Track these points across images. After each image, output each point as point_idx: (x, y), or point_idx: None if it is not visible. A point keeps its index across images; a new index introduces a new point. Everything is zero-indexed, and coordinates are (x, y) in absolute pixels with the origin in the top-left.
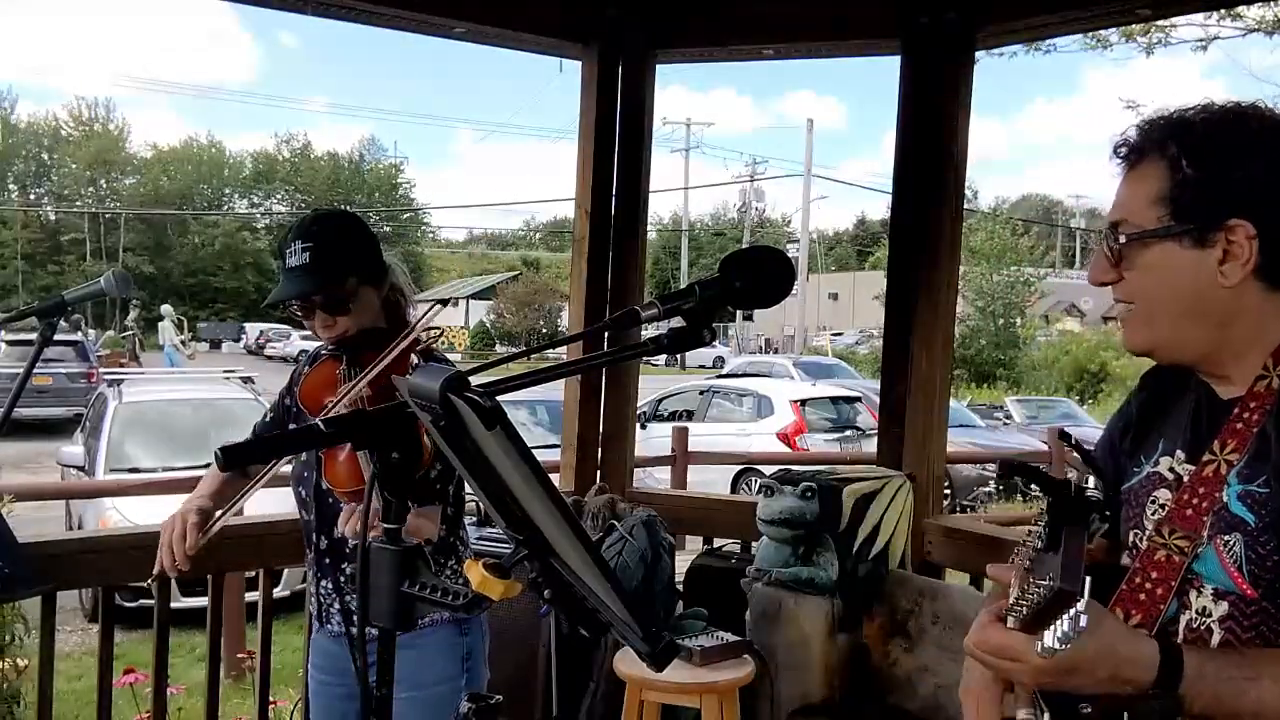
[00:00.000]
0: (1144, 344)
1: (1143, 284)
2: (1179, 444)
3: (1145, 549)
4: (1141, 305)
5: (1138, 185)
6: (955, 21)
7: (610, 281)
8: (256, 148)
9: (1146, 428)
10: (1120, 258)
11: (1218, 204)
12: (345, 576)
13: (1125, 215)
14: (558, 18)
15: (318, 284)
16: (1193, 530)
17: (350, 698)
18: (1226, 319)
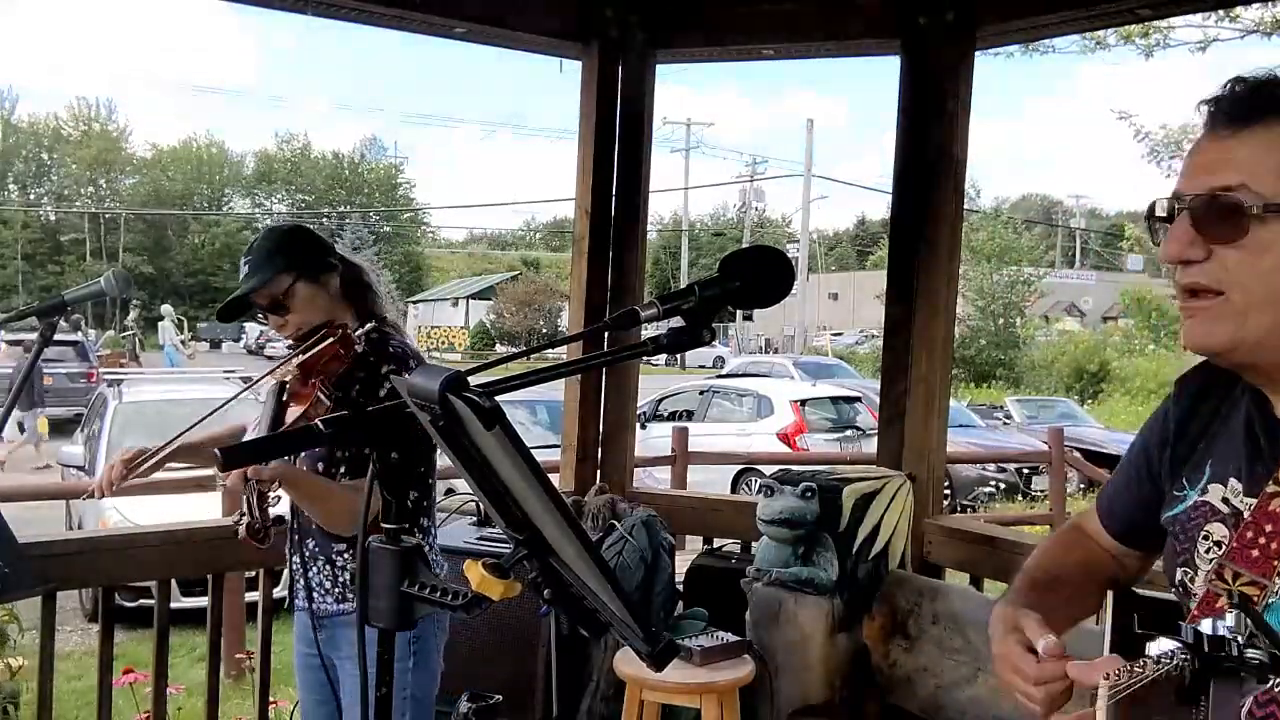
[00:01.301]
0: (1225, 341)
1: (1248, 268)
2: (1232, 470)
3: (1204, 594)
4: (1238, 294)
5: (1258, 149)
6: (955, 21)
7: (610, 282)
8: (256, 148)
9: (1190, 446)
10: (1215, 232)
11: None
12: (308, 553)
13: (1244, 180)
14: (558, 17)
15: (251, 288)
16: (1262, 575)
17: (319, 668)
18: None
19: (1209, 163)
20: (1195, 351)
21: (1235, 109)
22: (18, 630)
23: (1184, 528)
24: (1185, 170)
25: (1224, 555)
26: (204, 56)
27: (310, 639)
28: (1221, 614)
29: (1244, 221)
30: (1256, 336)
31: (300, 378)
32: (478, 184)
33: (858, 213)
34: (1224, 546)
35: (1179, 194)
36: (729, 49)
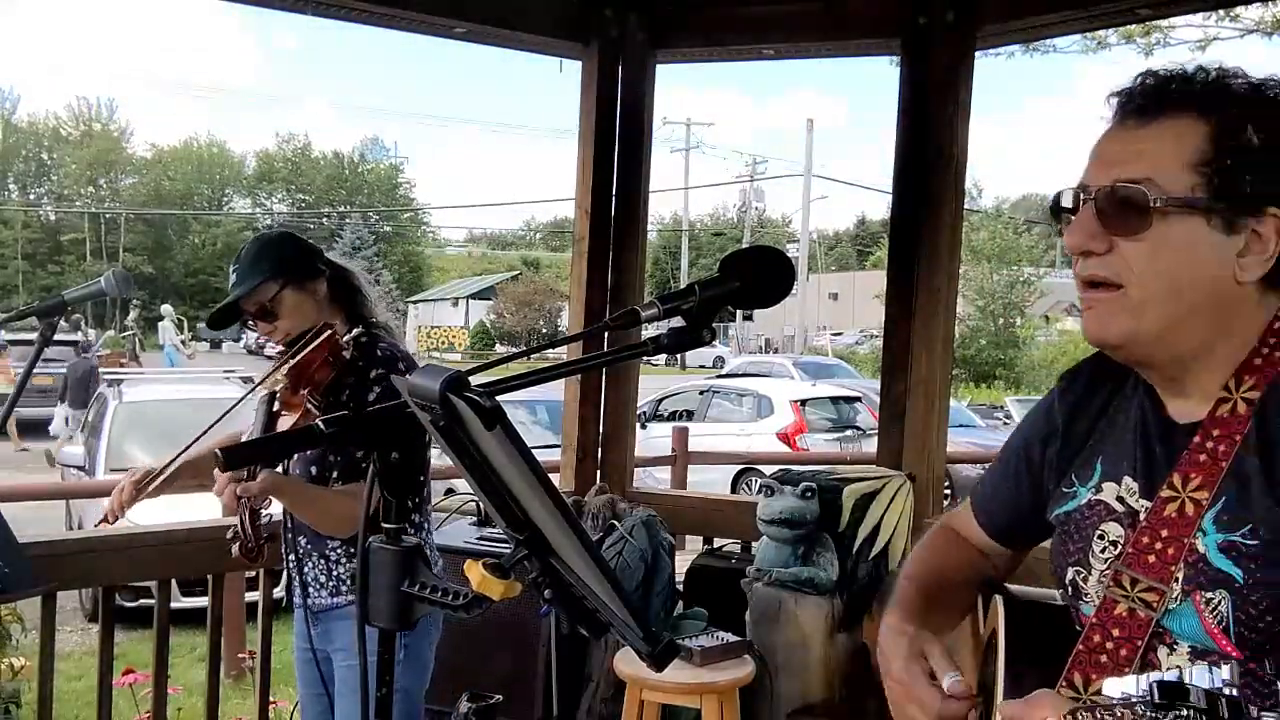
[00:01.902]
0: (1122, 334)
1: (1150, 262)
2: (1126, 469)
3: (1103, 602)
4: (1137, 288)
5: (1164, 143)
6: (955, 21)
7: (610, 282)
8: (257, 147)
9: (1079, 442)
10: (1118, 225)
11: (1266, 186)
12: (301, 550)
13: (1149, 174)
14: (558, 18)
15: (237, 296)
16: (1160, 581)
17: (312, 661)
18: (1225, 321)
19: (1115, 155)
20: (1093, 344)
21: (1144, 102)
22: (21, 630)
23: (1077, 526)
24: (1092, 161)
25: (1121, 561)
26: (204, 56)
27: (305, 633)
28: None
29: (1147, 215)
30: (1154, 331)
31: (290, 387)
32: (478, 184)
33: (858, 213)
34: (1120, 547)
35: (1084, 185)
36: (729, 49)
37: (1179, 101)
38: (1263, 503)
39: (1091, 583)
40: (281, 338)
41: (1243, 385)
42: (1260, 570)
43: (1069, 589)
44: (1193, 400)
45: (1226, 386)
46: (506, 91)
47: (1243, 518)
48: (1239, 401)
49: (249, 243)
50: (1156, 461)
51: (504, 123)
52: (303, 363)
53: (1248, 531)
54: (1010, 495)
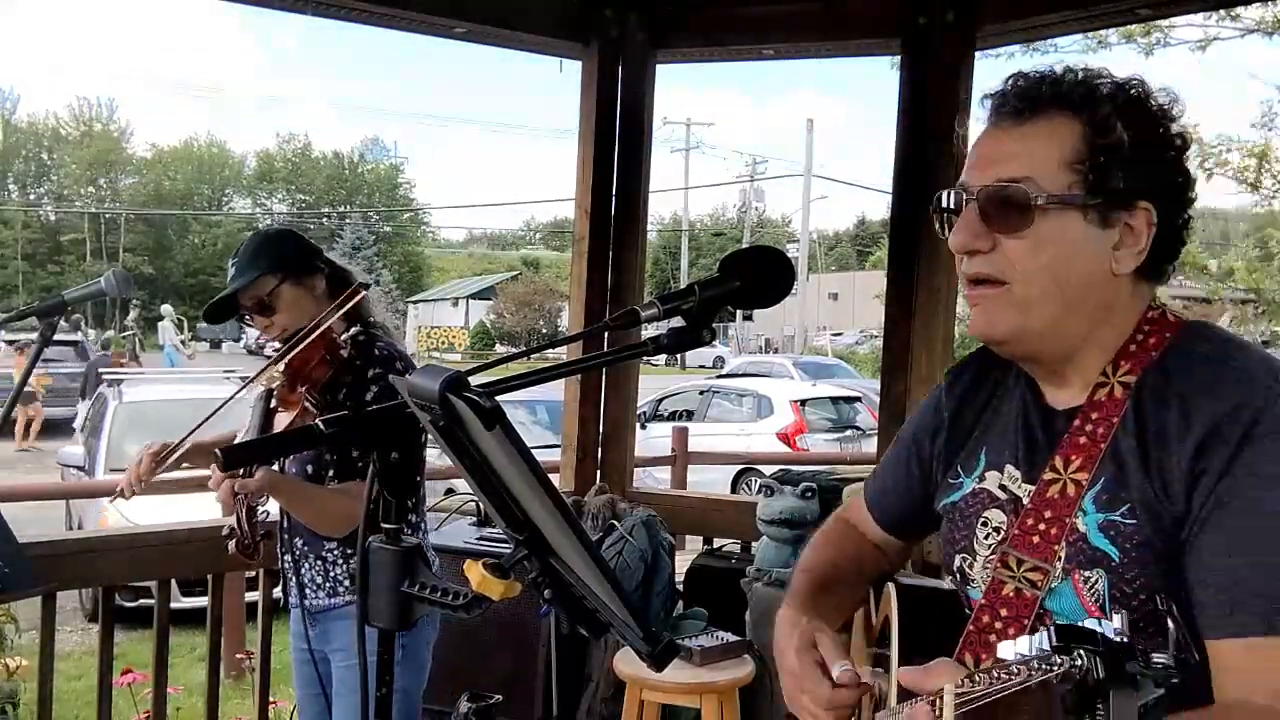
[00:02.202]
0: (1008, 331)
1: (1031, 259)
2: (1008, 458)
3: (991, 583)
4: (1021, 284)
5: (1042, 142)
6: (955, 21)
7: (610, 282)
8: (257, 148)
9: (964, 434)
10: (1001, 223)
11: (1136, 181)
12: (298, 551)
13: (1028, 172)
14: (558, 17)
15: (236, 288)
16: (1044, 560)
17: (311, 662)
18: (1104, 312)
19: (994, 155)
20: (981, 339)
21: (1019, 103)
22: (15, 631)
23: (962, 514)
24: (971, 162)
25: (1006, 542)
26: (204, 56)
27: (303, 634)
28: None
29: (1029, 213)
30: (1039, 325)
31: (287, 384)
32: (478, 184)
33: (858, 213)
34: (1003, 533)
35: (965, 185)
36: (729, 49)
37: (1052, 102)
38: (1138, 483)
39: (977, 568)
40: (278, 334)
41: (1119, 370)
42: (1135, 549)
43: (957, 575)
44: (1073, 388)
45: (1104, 372)
46: (506, 91)
47: (1120, 497)
48: (1115, 385)
49: (248, 238)
50: (1038, 447)
51: (504, 123)
52: (300, 360)
53: (1126, 511)
54: (902, 488)
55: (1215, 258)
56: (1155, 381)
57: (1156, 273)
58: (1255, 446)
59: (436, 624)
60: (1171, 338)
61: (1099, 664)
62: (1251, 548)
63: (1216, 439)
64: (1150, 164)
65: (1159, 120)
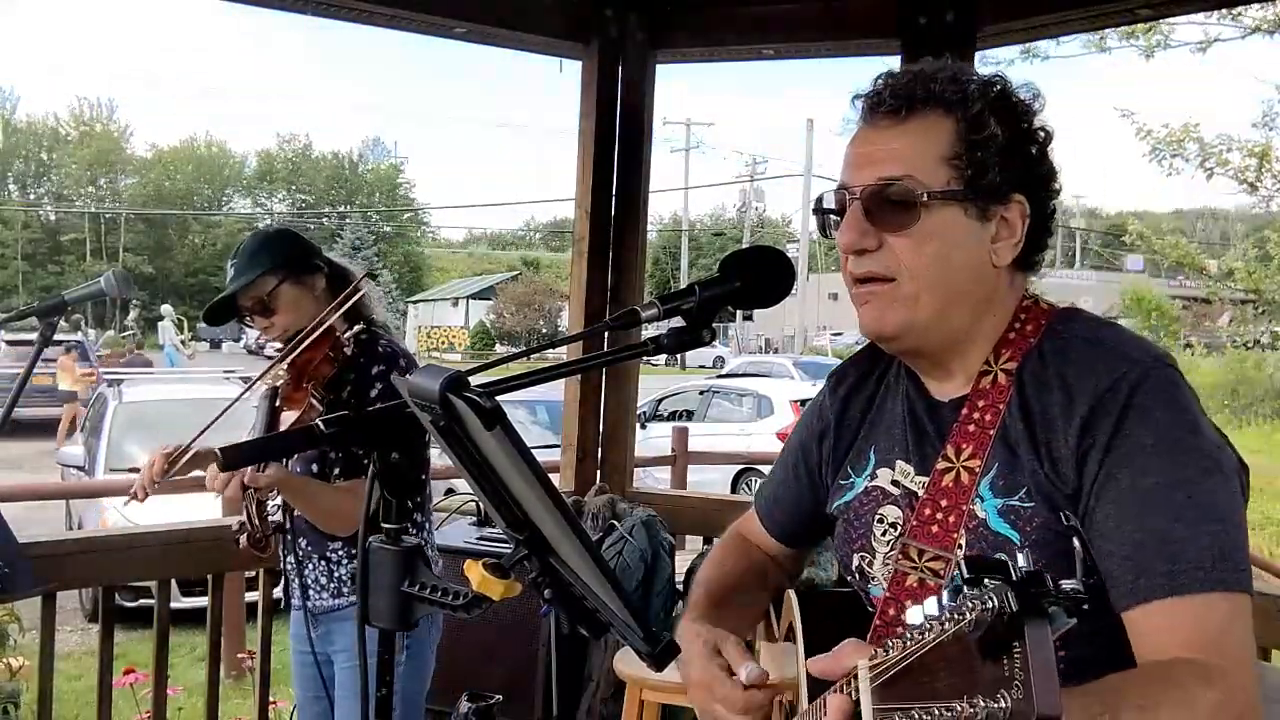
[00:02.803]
0: (898, 326)
1: (916, 255)
2: (899, 453)
3: (894, 575)
4: (908, 280)
5: (919, 140)
6: (955, 21)
7: (610, 282)
8: (257, 147)
9: (850, 435)
10: (886, 221)
11: (1009, 175)
12: (302, 552)
13: (909, 170)
14: (558, 17)
15: (235, 289)
16: (944, 549)
17: (313, 664)
18: (986, 303)
19: (873, 154)
20: (871, 337)
21: (895, 102)
22: (19, 630)
23: (856, 514)
24: (850, 162)
25: (906, 534)
26: (204, 56)
27: (304, 636)
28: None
29: (913, 210)
30: (926, 319)
31: (291, 382)
32: (478, 184)
33: None
34: (899, 527)
35: (847, 186)
36: (729, 49)
37: (926, 99)
38: (1030, 465)
39: (877, 565)
40: (279, 334)
41: (1001, 358)
42: (1036, 531)
43: (856, 574)
44: (957, 379)
45: (987, 361)
46: (506, 91)
47: (1016, 481)
48: (999, 373)
49: (247, 238)
50: (928, 439)
51: (504, 123)
52: (304, 358)
53: (1024, 495)
54: (792, 496)
55: (1215, 258)
56: (1035, 366)
57: (1029, 263)
58: (1134, 416)
59: (440, 626)
60: (1047, 324)
61: (1009, 597)
62: (1144, 515)
63: (1099, 414)
64: (1020, 157)
65: (1024, 115)
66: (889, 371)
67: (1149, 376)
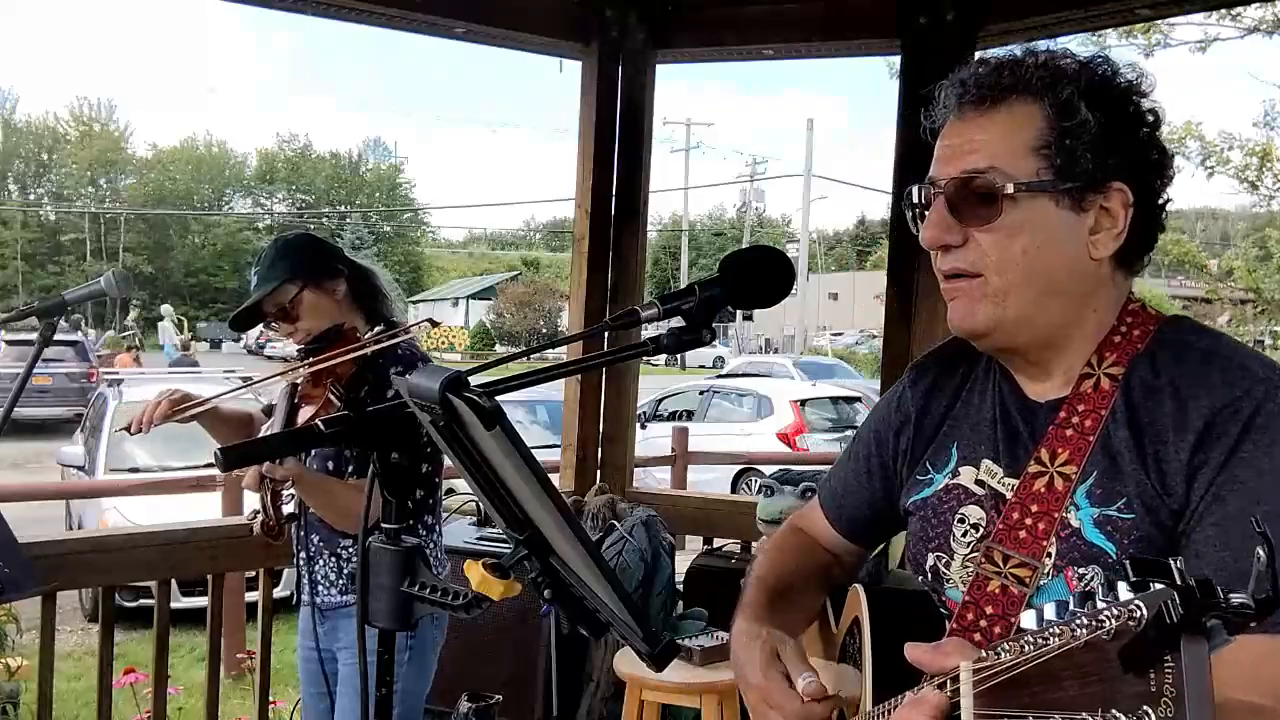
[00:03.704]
0: (988, 323)
1: (1004, 249)
2: (985, 451)
3: (975, 579)
4: (997, 275)
5: (1006, 130)
6: (955, 21)
7: (610, 282)
8: (257, 147)
9: (931, 430)
10: (970, 215)
11: (1107, 162)
12: (313, 548)
13: (993, 162)
14: (558, 18)
15: (258, 298)
16: (1031, 556)
17: (316, 660)
18: (1085, 299)
19: (959, 146)
20: (960, 334)
21: (980, 92)
22: (18, 630)
23: (935, 511)
24: (937, 155)
25: (991, 538)
26: (204, 56)
27: (310, 631)
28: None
29: (996, 203)
30: (1017, 316)
31: (311, 379)
32: (478, 184)
33: (858, 213)
34: (982, 529)
35: (933, 179)
36: (729, 49)
37: (1013, 87)
38: (1134, 476)
39: (955, 567)
40: (302, 338)
41: (1104, 362)
42: (1134, 544)
43: (929, 574)
44: (1054, 380)
45: (1089, 363)
46: (506, 91)
47: (1116, 491)
48: (1102, 377)
49: (270, 244)
50: (1020, 440)
51: (504, 123)
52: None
53: (1123, 505)
54: (862, 489)
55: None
56: (1145, 373)
57: (1133, 262)
58: (1253, 439)
59: (444, 628)
60: (1156, 330)
61: (1172, 606)
62: (1248, 544)
63: (1215, 432)
64: (1121, 143)
65: (1126, 97)
66: (977, 367)
67: (1272, 397)
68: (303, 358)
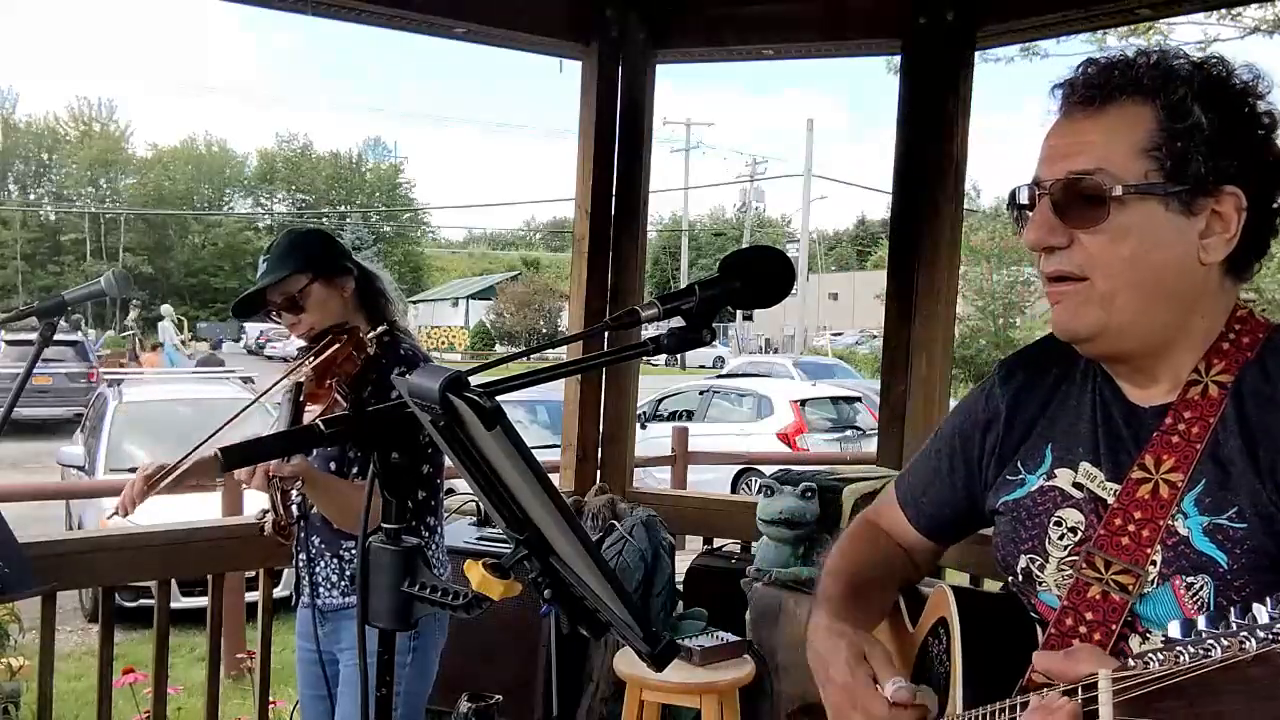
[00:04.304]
0: (1093, 328)
1: (1112, 252)
2: (1083, 454)
3: (1074, 584)
4: (1103, 279)
5: (1115, 131)
6: (955, 21)
7: (610, 281)
8: (257, 147)
9: (1024, 430)
10: (1076, 217)
11: (1220, 166)
12: (314, 549)
13: (1101, 164)
14: (558, 18)
15: (267, 284)
16: (1135, 563)
17: (318, 662)
18: (1193, 304)
19: (1066, 147)
20: (1064, 338)
21: (1089, 91)
22: (19, 630)
23: (1029, 513)
24: (1044, 156)
25: (1091, 543)
26: (204, 56)
27: (310, 634)
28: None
29: (1104, 205)
30: (1123, 320)
31: (315, 378)
32: (478, 184)
33: (858, 213)
34: (1081, 533)
35: (1039, 180)
36: (729, 49)
37: (1124, 88)
38: (1248, 484)
39: (1049, 570)
40: (305, 331)
41: (1213, 369)
42: (1246, 555)
43: (1020, 576)
44: (1160, 386)
45: (1196, 370)
46: (506, 91)
47: (1227, 500)
48: (1210, 385)
49: (281, 235)
50: (1123, 445)
51: (504, 123)
52: (329, 358)
53: (1234, 514)
54: (944, 486)
55: None
56: (1256, 382)
57: (1243, 268)
58: None
59: (446, 629)
60: (1266, 337)
61: None
62: None
63: None
64: (1234, 145)
65: (1242, 99)
66: (1073, 369)
67: None
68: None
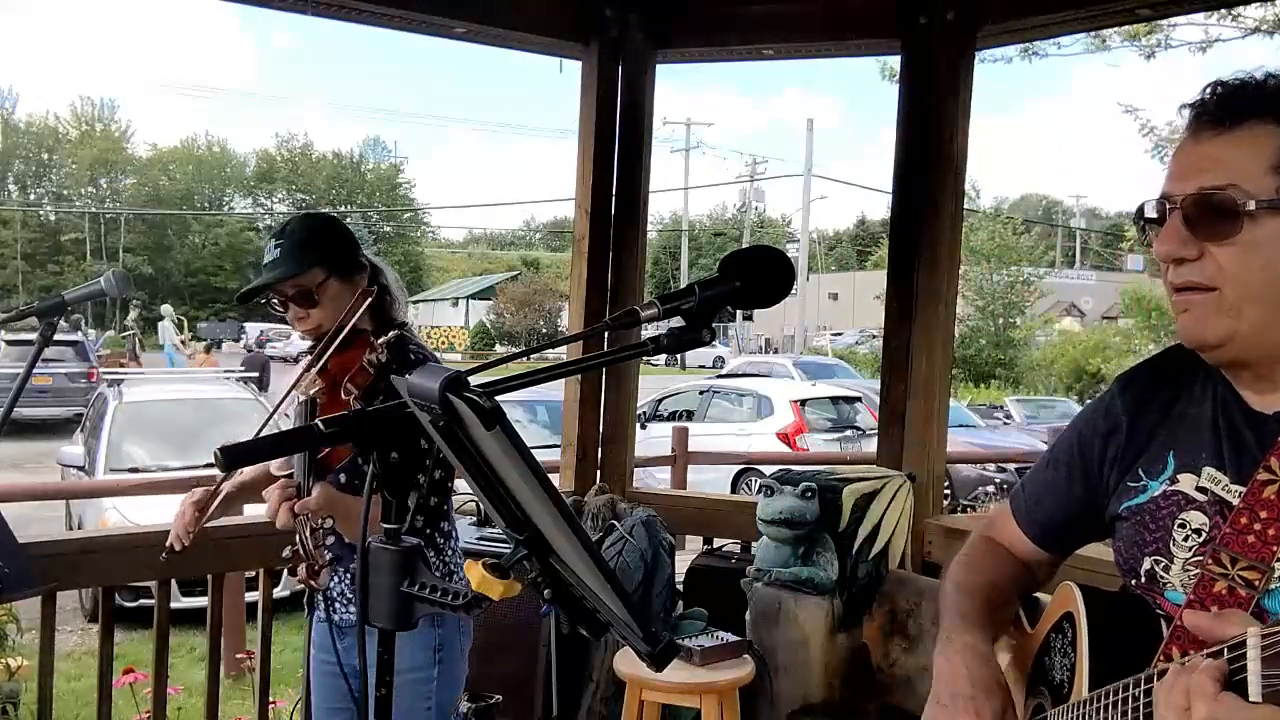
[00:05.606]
0: (1220, 336)
1: (1241, 264)
2: (1206, 459)
3: (1200, 579)
4: (1231, 290)
5: (1245, 149)
6: (955, 21)
7: (610, 281)
8: (257, 147)
9: (1145, 437)
10: (1208, 230)
11: None
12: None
13: (1233, 180)
14: (558, 18)
15: (283, 275)
16: (1261, 560)
17: (337, 675)
18: None
19: (1197, 164)
20: (1190, 346)
21: (1219, 112)
22: (17, 630)
23: (1153, 517)
24: (1173, 172)
25: (1218, 541)
26: (204, 56)
27: (329, 646)
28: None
29: (1237, 219)
30: (1252, 330)
31: (327, 390)
32: (478, 184)
33: (858, 213)
34: (1204, 534)
35: (1168, 195)
36: (729, 49)
37: (1253, 109)
38: None
39: (1174, 571)
40: (312, 327)
41: None
42: None
43: (1144, 578)
44: None
45: None
46: (506, 91)
47: None
48: None
49: (296, 220)
50: (1247, 450)
51: (504, 123)
52: (339, 365)
53: None
54: (1060, 496)
55: None
56: None
57: None
58: None
59: (471, 631)
60: None
61: None
62: None
63: None
64: None
65: None
66: (1193, 379)
67: None
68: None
